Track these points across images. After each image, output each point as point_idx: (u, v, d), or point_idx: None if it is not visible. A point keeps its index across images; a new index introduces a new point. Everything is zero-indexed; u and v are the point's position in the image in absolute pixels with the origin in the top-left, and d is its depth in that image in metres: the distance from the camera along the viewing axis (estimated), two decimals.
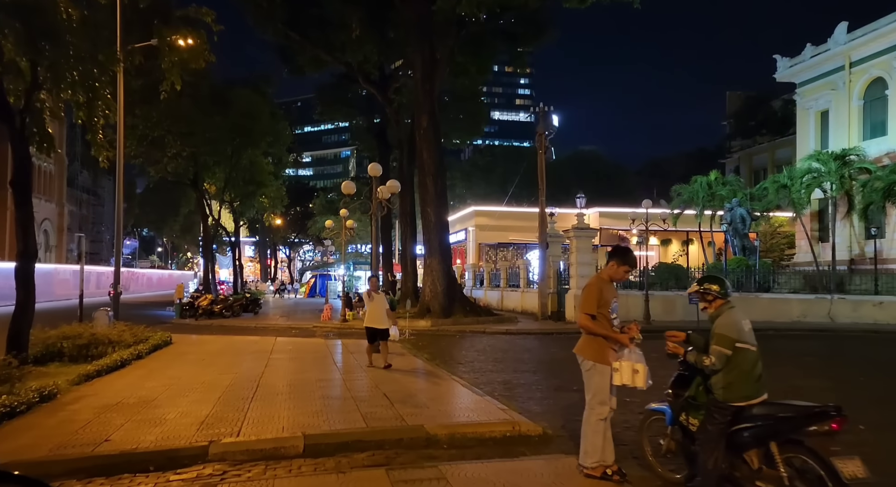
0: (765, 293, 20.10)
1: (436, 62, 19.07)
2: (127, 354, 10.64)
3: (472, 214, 35.21)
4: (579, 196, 23.43)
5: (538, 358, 12.37)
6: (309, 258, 74.84)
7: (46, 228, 54.16)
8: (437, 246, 19.51)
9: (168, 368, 9.99)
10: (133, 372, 9.65)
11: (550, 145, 19.39)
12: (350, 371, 9.68)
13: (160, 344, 12.93)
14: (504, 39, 24.66)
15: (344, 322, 20.52)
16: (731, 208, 24.45)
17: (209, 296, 24.57)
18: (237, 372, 9.56)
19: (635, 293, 19.97)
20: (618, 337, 4.47)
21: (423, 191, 19.25)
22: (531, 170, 42.93)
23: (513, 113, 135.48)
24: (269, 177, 33.87)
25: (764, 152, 45.93)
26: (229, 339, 15.09)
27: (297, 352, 12.25)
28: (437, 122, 19.41)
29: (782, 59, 31.97)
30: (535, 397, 7.87)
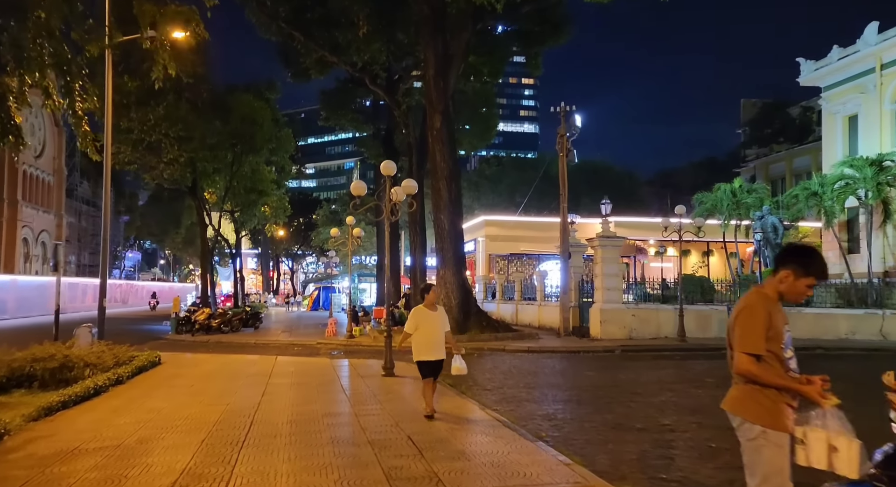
0: (806, 307, 18.56)
1: (449, 58, 17.78)
2: (103, 380, 9.19)
3: (483, 224, 33.79)
4: (604, 202, 22.03)
5: (574, 382, 10.85)
6: (312, 270, 73.47)
7: (44, 240, 52.90)
8: (451, 256, 18.09)
9: (149, 397, 8.53)
10: (106, 402, 8.19)
11: (573, 147, 17.98)
12: (362, 401, 8.20)
13: (146, 365, 11.48)
14: (518, 38, 23.44)
15: (350, 338, 19.06)
16: (761, 216, 22.98)
17: (206, 310, 23.14)
18: (229, 402, 8.10)
19: (665, 307, 18.46)
20: (804, 389, 2.88)
21: (435, 196, 17.87)
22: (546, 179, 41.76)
23: (517, 124, 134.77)
24: (271, 186, 32.58)
25: (781, 161, 44.49)
26: (225, 359, 13.64)
27: (299, 375, 10.78)
28: (451, 122, 18.10)
29: (806, 62, 30.68)
30: (592, 439, 6.37)
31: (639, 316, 18.04)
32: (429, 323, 6.87)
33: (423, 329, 6.87)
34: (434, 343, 6.85)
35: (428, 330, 6.85)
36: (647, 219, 33.40)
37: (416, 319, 6.92)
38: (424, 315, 6.91)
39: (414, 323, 6.90)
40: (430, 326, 6.86)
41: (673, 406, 8.13)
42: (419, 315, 6.93)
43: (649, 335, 17.90)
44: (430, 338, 6.85)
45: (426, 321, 6.90)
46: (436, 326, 6.89)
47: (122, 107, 22.69)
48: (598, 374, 11.61)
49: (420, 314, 6.94)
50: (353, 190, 10.73)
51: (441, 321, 6.94)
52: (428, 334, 6.85)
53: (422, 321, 6.90)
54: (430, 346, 6.84)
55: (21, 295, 33.68)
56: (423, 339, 6.85)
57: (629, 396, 8.95)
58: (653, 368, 12.55)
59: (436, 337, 6.87)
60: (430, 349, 6.83)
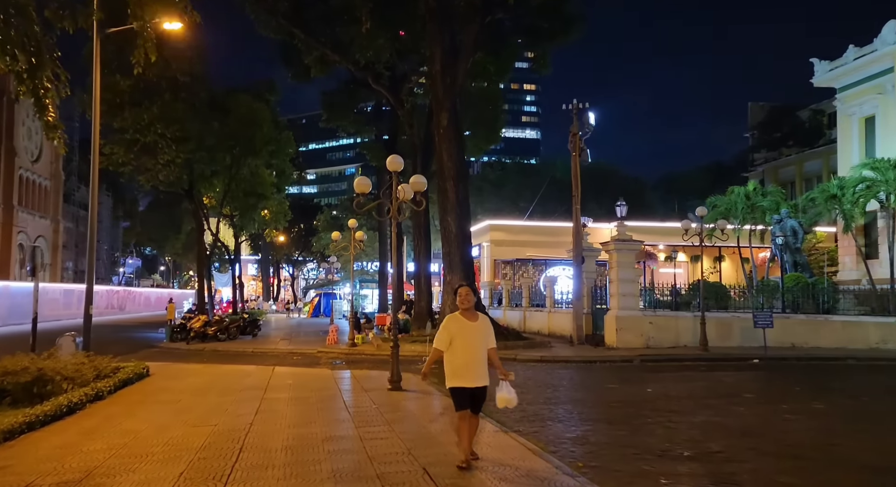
0: (832, 315, 17.65)
1: (457, 52, 16.97)
2: (79, 396, 8.28)
3: (487, 229, 32.91)
4: (619, 204, 21.18)
5: (599, 397, 9.92)
6: (313, 276, 72.63)
7: (40, 245, 52.06)
8: (458, 261, 17.21)
9: (128, 416, 7.62)
10: (79, 422, 7.28)
11: (586, 146, 17.11)
12: (367, 421, 7.28)
13: (132, 377, 10.57)
14: (526, 35, 22.62)
15: (352, 346, 18.14)
16: (779, 220, 22.09)
17: (203, 317, 22.22)
18: (217, 422, 7.19)
19: (684, 314, 17.54)
20: None
21: (442, 198, 17.00)
22: (552, 183, 40.93)
23: (519, 130, 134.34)
24: (270, 189, 31.71)
25: (791, 165, 43.71)
26: (218, 370, 12.73)
27: (298, 389, 9.86)
28: (458, 120, 17.26)
29: (820, 62, 29.88)
30: (639, 472, 5.44)
31: (656, 323, 17.12)
32: (466, 336, 5.13)
33: (458, 344, 5.12)
34: (474, 363, 5.08)
35: (465, 345, 5.12)
36: (657, 224, 32.58)
37: (449, 330, 5.19)
38: (460, 325, 5.16)
39: (447, 336, 5.17)
40: (469, 340, 5.13)
41: (718, 428, 7.21)
42: (453, 325, 5.20)
43: (667, 343, 16.97)
44: (469, 357, 5.09)
45: (463, 333, 5.12)
46: (476, 340, 5.13)
47: (116, 106, 21.92)
48: (623, 387, 10.68)
49: (454, 324, 5.19)
50: (357, 186, 9.85)
51: (483, 334, 5.19)
52: (465, 351, 5.10)
53: (457, 333, 5.13)
54: (469, 368, 5.08)
55: (14, 302, 32.76)
56: (460, 358, 5.11)
57: (664, 414, 8.02)
58: (679, 380, 11.62)
59: (476, 355, 5.10)
60: (469, 371, 5.07)
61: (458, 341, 5.14)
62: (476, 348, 5.13)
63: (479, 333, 5.18)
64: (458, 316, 5.24)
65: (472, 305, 5.23)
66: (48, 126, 7.70)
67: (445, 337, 5.20)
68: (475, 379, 5.10)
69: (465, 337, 5.14)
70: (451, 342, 5.14)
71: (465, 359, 5.10)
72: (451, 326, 5.21)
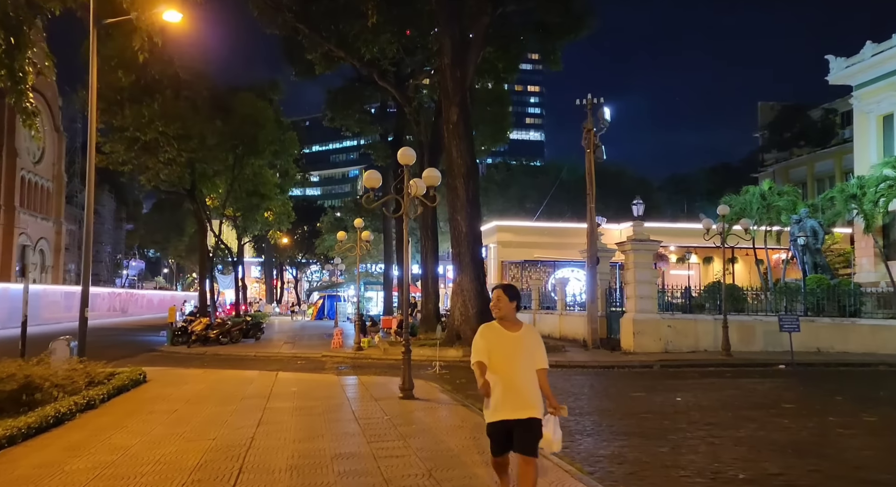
0: (859, 318, 16.94)
1: (467, 45, 16.36)
2: (68, 405, 7.69)
3: (494, 230, 32.27)
4: (635, 202, 20.53)
5: (626, 406, 9.24)
6: (316, 278, 72.09)
7: (43, 248, 51.66)
8: (468, 262, 16.57)
9: (119, 428, 7.00)
10: (65, 436, 6.67)
11: (601, 143, 16.47)
12: (380, 435, 6.64)
13: (127, 384, 9.98)
14: (536, 31, 21.98)
15: (358, 350, 17.53)
16: (798, 220, 21.38)
17: (204, 320, 21.64)
18: (216, 436, 6.56)
19: (704, 318, 16.85)
20: None
21: (451, 196, 16.38)
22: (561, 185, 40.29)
23: (523, 131, 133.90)
24: (273, 190, 31.19)
25: (802, 165, 43.01)
26: (219, 376, 12.12)
27: (303, 397, 9.24)
28: (468, 115, 16.64)
29: (836, 59, 29.17)
30: None
31: (675, 327, 16.44)
32: (506, 350, 3.87)
33: (496, 361, 3.87)
34: (517, 386, 3.81)
35: (505, 362, 3.84)
36: (667, 225, 31.92)
37: (486, 339, 3.97)
38: (498, 336, 3.95)
39: (484, 346, 3.94)
40: (510, 356, 3.85)
41: (767, 444, 6.54)
42: (489, 336, 3.97)
43: (686, 348, 16.29)
44: (510, 378, 3.82)
45: (501, 346, 3.89)
46: (519, 356, 3.87)
47: (116, 103, 21.41)
48: (650, 396, 10.02)
49: (491, 332, 3.99)
50: (367, 181, 9.23)
51: (528, 348, 3.93)
52: (505, 370, 3.83)
53: (495, 346, 3.90)
54: (511, 393, 3.80)
55: (14, 305, 32.10)
56: (499, 382, 3.83)
57: (703, 427, 7.37)
58: (708, 388, 10.95)
59: (519, 375, 3.83)
60: (510, 398, 3.80)
61: (496, 357, 3.88)
62: (519, 366, 3.84)
63: (523, 347, 3.90)
64: (495, 325, 4.03)
65: (511, 313, 4.01)
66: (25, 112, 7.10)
67: (483, 347, 3.93)
68: (520, 407, 3.78)
69: (505, 351, 3.86)
70: (489, 355, 3.92)
71: (506, 381, 3.82)
72: (488, 336, 3.98)
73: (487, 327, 4.10)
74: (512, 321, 4.02)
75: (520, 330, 4.01)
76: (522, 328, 4.04)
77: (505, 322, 4.02)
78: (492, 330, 4.03)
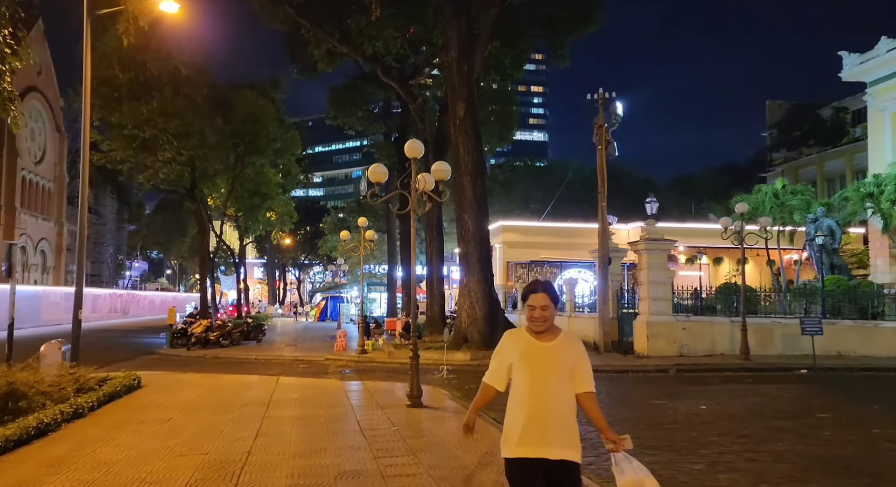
0: (883, 321, 16.33)
1: (474, 38, 15.84)
2: (52, 415, 7.17)
3: (500, 230, 31.72)
4: (649, 200, 19.97)
5: (648, 415, 8.69)
6: (319, 280, 71.68)
7: (44, 248, 51.34)
8: (476, 262, 16.04)
9: (106, 441, 6.48)
10: (47, 449, 6.15)
11: (612, 139, 15.93)
12: (387, 449, 6.11)
13: (119, 391, 9.47)
14: (544, 25, 21.47)
15: (362, 353, 17.02)
16: (814, 219, 20.80)
17: (204, 322, 21.14)
18: (210, 449, 6.04)
19: (720, 320, 16.28)
20: None
21: (458, 194, 15.86)
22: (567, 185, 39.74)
23: (526, 132, 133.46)
24: (276, 190, 30.73)
25: (812, 164, 42.41)
26: (218, 381, 11.63)
27: (304, 405, 8.71)
28: (475, 111, 16.14)
29: (850, 55, 28.55)
30: None
31: (690, 329, 15.87)
32: (536, 365, 2.95)
33: (522, 379, 2.95)
34: (544, 416, 2.87)
35: (534, 381, 2.92)
36: (675, 225, 31.27)
37: (506, 356, 3.05)
38: (527, 347, 3.00)
39: (502, 365, 3.05)
40: (541, 373, 2.93)
41: (812, 461, 5.98)
42: (514, 346, 3.04)
43: (702, 351, 15.73)
44: (540, 403, 2.89)
45: (530, 360, 2.96)
46: (553, 374, 2.93)
47: (114, 100, 20.96)
48: (671, 404, 9.46)
49: (516, 344, 3.04)
50: (372, 175, 8.70)
51: (567, 364, 2.97)
52: (534, 392, 2.91)
53: (521, 360, 2.98)
54: (535, 424, 2.86)
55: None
56: (523, 405, 2.91)
57: (736, 440, 6.81)
58: (731, 395, 10.39)
59: (549, 402, 2.89)
60: (535, 429, 2.86)
61: (522, 373, 2.92)
62: (552, 388, 2.87)
63: (560, 362, 2.92)
64: (522, 333, 3.05)
65: (551, 323, 2.99)
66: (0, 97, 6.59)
67: (501, 367, 3.03)
68: (551, 443, 2.83)
69: (534, 367, 2.91)
70: (508, 375, 2.99)
71: (532, 407, 2.85)
72: (511, 349, 3.01)
73: (513, 335, 3.09)
74: (551, 328, 3.02)
75: (555, 340, 2.97)
76: (559, 337, 2.99)
77: (543, 330, 3.00)
78: (519, 339, 3.02)
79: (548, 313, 2.95)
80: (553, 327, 3.02)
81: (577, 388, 2.94)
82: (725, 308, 17.52)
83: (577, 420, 2.92)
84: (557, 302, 3.05)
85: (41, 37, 49.77)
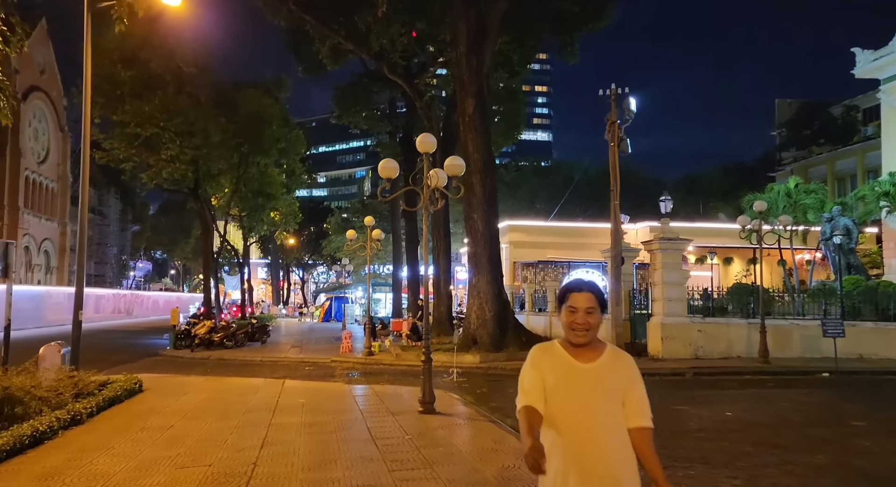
0: None
1: (484, 32, 15.46)
2: (48, 422, 6.82)
3: (506, 229, 31.28)
4: (663, 198, 19.55)
5: (672, 422, 8.27)
6: (323, 280, 71.44)
7: (47, 249, 51.21)
8: (485, 262, 15.67)
9: (103, 450, 6.13)
10: (41, 459, 5.80)
11: (625, 136, 15.53)
12: (401, 461, 5.73)
13: (120, 395, 9.13)
14: (553, 21, 21.06)
15: (369, 355, 16.65)
16: (830, 218, 20.34)
17: (208, 323, 20.83)
18: (213, 460, 5.68)
19: (737, 322, 15.85)
20: None
21: (468, 192, 15.45)
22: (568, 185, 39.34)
23: (531, 132, 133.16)
24: (280, 189, 30.44)
25: (822, 164, 41.87)
26: (222, 384, 11.29)
27: (312, 411, 8.34)
28: (485, 107, 15.78)
29: (863, 51, 28.06)
30: None
31: (706, 331, 15.46)
32: (574, 394, 2.25)
33: (558, 410, 2.24)
34: (591, 462, 2.18)
35: (571, 415, 2.23)
36: (685, 224, 30.81)
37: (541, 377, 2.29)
38: (563, 370, 2.29)
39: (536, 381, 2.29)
40: (580, 405, 2.23)
41: (856, 475, 5.59)
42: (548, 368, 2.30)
43: (718, 354, 15.31)
44: (580, 445, 2.19)
45: (566, 388, 2.26)
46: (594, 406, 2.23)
47: (116, 98, 20.69)
48: (694, 410, 9.06)
49: (551, 366, 2.31)
50: (382, 171, 8.32)
51: (615, 390, 2.27)
52: (572, 430, 2.21)
53: (558, 389, 2.26)
54: (577, 470, 2.17)
55: (15, 307, 31.40)
56: (563, 452, 2.20)
57: (771, 451, 6.41)
58: (754, 400, 9.99)
59: (595, 440, 2.19)
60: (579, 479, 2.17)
61: (559, 406, 2.24)
62: (598, 422, 2.20)
63: (607, 388, 2.26)
64: (556, 348, 2.34)
65: (595, 333, 2.31)
66: None
67: (536, 386, 2.28)
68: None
69: (575, 396, 2.24)
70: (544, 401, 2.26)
71: (574, 448, 2.19)
72: (546, 366, 2.31)
73: (544, 351, 2.35)
74: (595, 343, 2.33)
75: (600, 358, 2.28)
76: (605, 353, 2.31)
77: (585, 345, 2.29)
78: (552, 356, 2.31)
79: (593, 319, 2.27)
80: (596, 340, 2.33)
81: (629, 422, 2.24)
82: (737, 309, 17.12)
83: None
84: (605, 306, 2.39)
85: (45, 36, 49.66)
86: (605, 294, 23.07)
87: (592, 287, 2.36)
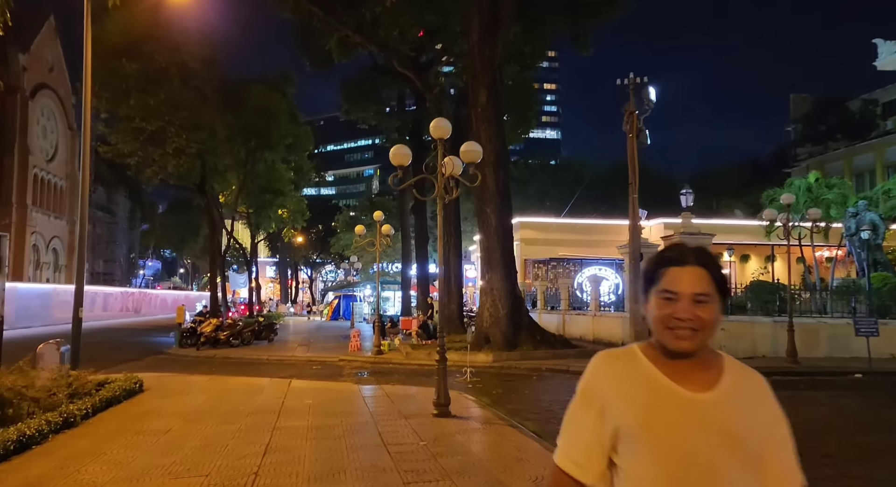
0: None
1: (497, 21, 14.93)
2: (37, 426, 6.36)
3: (517, 226, 30.59)
4: (684, 192, 18.90)
5: None
6: (331, 278, 71.15)
7: (56, 247, 51.19)
8: (498, 258, 15.15)
9: (96, 456, 5.66)
10: (27, 467, 5.34)
11: (644, 127, 14.95)
12: (417, 471, 5.22)
13: (119, 395, 8.69)
14: (566, 12, 20.49)
15: (378, 354, 16.18)
16: (855, 213, 19.65)
17: (214, 321, 20.44)
18: (211, 470, 5.20)
19: (762, 320, 15.23)
20: None
21: (480, 186, 14.83)
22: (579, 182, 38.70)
23: (539, 130, 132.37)
24: (288, 186, 30.06)
25: (839, 159, 40.97)
26: (227, 383, 10.83)
27: (319, 413, 7.86)
28: (498, 97, 15.24)
29: (885, 43, 27.35)
30: None
31: (729, 329, 14.83)
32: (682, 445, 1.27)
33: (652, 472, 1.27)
34: None
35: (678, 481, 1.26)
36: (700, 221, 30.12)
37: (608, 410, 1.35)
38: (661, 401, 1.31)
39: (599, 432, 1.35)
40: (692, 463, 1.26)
41: None
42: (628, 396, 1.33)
43: (742, 353, 14.67)
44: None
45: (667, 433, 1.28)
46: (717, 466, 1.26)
47: (121, 92, 20.35)
48: None
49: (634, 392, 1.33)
50: (394, 158, 7.81)
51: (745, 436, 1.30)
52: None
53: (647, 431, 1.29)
54: None
55: (22, 305, 31.40)
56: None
57: (824, 461, 5.83)
58: (788, 403, 9.14)
59: None
60: None
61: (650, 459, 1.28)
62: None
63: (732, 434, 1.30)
64: (639, 359, 1.39)
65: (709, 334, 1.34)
66: None
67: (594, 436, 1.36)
68: None
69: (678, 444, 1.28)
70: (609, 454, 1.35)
71: None
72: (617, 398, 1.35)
73: (619, 365, 1.41)
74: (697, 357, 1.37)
75: (718, 386, 1.36)
76: (724, 374, 1.40)
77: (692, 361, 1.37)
78: (635, 376, 1.37)
79: (706, 312, 1.32)
80: (708, 349, 1.40)
81: (770, 483, 1.32)
82: (757, 306, 16.50)
83: None
84: (727, 295, 1.39)
85: (53, 34, 49.61)
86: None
87: (704, 258, 1.37)
